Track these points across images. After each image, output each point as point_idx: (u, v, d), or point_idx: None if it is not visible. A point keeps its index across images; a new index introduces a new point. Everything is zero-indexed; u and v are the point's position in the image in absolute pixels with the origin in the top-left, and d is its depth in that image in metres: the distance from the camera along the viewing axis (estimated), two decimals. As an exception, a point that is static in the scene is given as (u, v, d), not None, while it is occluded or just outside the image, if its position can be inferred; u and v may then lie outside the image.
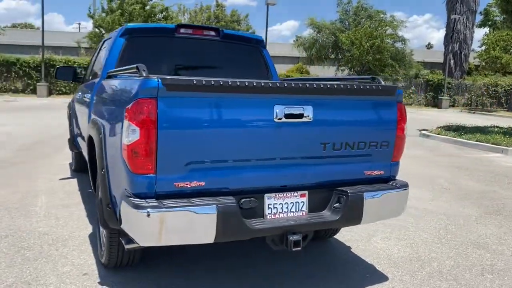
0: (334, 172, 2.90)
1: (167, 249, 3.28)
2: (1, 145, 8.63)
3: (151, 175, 2.45)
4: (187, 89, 2.43)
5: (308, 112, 2.70)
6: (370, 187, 2.96)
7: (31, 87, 30.86)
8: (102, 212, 2.86)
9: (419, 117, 19.73)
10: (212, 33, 4.40)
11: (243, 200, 2.67)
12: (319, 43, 30.06)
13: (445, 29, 33.56)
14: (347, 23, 30.63)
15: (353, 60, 28.47)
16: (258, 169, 2.70)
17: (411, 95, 32.02)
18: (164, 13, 27.01)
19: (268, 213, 2.76)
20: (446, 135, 12.27)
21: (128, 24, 4.23)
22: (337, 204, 2.87)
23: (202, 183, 2.56)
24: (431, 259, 3.74)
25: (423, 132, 13.21)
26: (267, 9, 27.82)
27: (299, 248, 2.71)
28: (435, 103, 31.21)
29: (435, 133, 12.75)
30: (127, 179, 2.50)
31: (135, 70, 2.54)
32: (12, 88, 30.34)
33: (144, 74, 2.46)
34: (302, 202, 2.84)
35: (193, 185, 2.55)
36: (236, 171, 2.64)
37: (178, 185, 2.51)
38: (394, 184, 3.07)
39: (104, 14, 26.01)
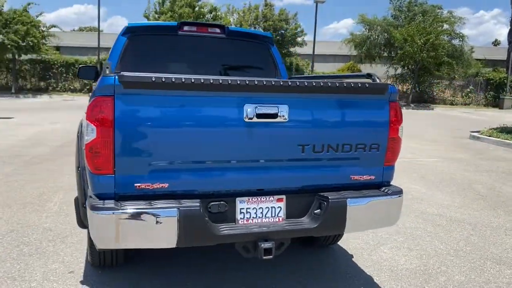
0: (315, 176, 2.69)
1: (152, 250, 3.22)
2: (44, 141, 9.06)
3: (110, 175, 2.36)
4: (147, 86, 2.32)
5: (283, 112, 2.52)
6: (356, 193, 2.72)
7: (88, 87, 32.26)
8: (78, 211, 2.83)
9: (475, 118, 18.66)
10: (217, 30, 4.28)
11: (211, 203, 2.54)
12: (370, 41, 29.19)
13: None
14: (400, 19, 29.50)
15: (406, 58, 27.37)
16: (228, 171, 2.55)
17: (469, 94, 30.34)
18: (213, 13, 27.34)
19: (240, 218, 2.60)
20: (498, 137, 11.44)
21: (130, 22, 4.21)
22: (318, 210, 2.66)
23: (166, 185, 2.45)
24: (439, 273, 3.42)
25: (474, 134, 12.39)
26: (316, 8, 27.44)
27: (270, 257, 2.53)
28: (496, 103, 29.38)
29: (486, 135, 11.92)
30: (89, 179, 2.45)
31: None
32: (71, 88, 31.93)
33: (108, 72, 2.38)
34: (279, 207, 2.66)
35: (156, 186, 2.44)
36: (203, 173, 2.51)
37: (139, 186, 2.41)
38: (385, 191, 2.81)
39: (157, 16, 26.73)
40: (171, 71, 4.16)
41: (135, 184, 2.41)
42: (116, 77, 2.27)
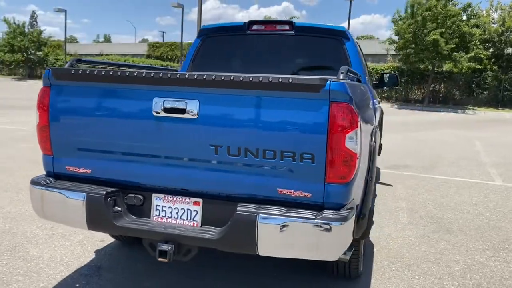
0: (233, 183, 2.38)
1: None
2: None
3: (50, 156, 2.66)
4: (72, 78, 2.52)
5: (193, 107, 2.31)
6: (277, 209, 2.26)
7: None
8: None
9: None
10: (286, 27, 4.06)
11: (128, 195, 2.54)
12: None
13: None
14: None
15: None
16: (143, 165, 2.48)
17: None
18: (468, 11, 24.72)
19: (155, 215, 2.50)
20: None
21: (204, 25, 4.41)
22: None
23: (89, 171, 2.59)
24: None
25: None
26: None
27: (165, 260, 2.37)
28: None
29: None
30: None
31: None
32: None
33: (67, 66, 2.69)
34: (195, 210, 2.45)
35: (81, 171, 2.60)
36: (119, 164, 2.52)
37: (69, 169, 2.62)
38: (318, 215, 2.22)
39: (400, 22, 25.76)
40: (239, 71, 4.19)
41: (66, 167, 2.63)
42: (51, 69, 2.56)
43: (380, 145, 6.24)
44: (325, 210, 2.26)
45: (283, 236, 2.23)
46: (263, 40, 4.18)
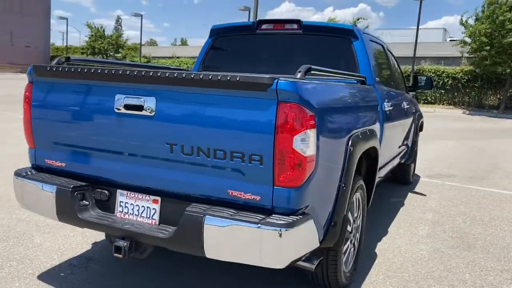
0: (187, 182, 2.34)
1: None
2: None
3: (33, 149, 2.79)
4: (48, 74, 2.63)
5: (150, 105, 2.32)
6: (225, 212, 2.19)
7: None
8: None
9: None
10: (294, 26, 3.96)
11: (96, 190, 2.59)
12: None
13: None
14: None
15: None
16: (107, 161, 2.52)
17: None
18: None
19: (119, 211, 2.53)
20: None
21: (215, 24, 4.40)
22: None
23: (63, 165, 2.68)
24: None
25: None
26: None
27: (120, 256, 2.39)
28: None
29: None
30: None
31: None
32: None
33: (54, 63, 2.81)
34: (154, 208, 2.45)
35: (57, 164, 2.70)
36: (88, 159, 2.59)
37: (47, 162, 2.73)
38: (262, 219, 2.11)
39: (474, 23, 24.18)
40: (248, 70, 4.15)
41: (45, 160, 2.74)
42: (32, 66, 2.68)
43: (415, 152, 5.90)
44: (273, 215, 2.16)
45: (227, 239, 2.16)
46: (272, 39, 4.11)
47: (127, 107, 2.37)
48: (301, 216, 2.18)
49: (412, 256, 3.69)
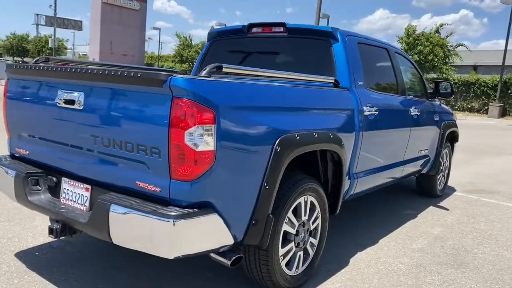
0: (107, 172, 2.51)
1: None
2: None
3: (8, 138, 3.16)
4: (14, 72, 2.98)
5: (80, 99, 2.53)
6: (129, 200, 2.32)
7: (486, 107, 31.13)
8: None
9: None
10: (280, 29, 3.99)
11: (47, 177, 2.86)
12: None
13: None
14: None
15: None
16: (56, 151, 2.78)
17: None
18: None
19: (63, 197, 2.78)
20: None
21: (214, 28, 4.52)
22: None
23: (27, 153, 2.99)
24: None
25: None
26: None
27: (52, 236, 2.63)
28: None
29: None
30: None
31: None
32: (469, 107, 31.40)
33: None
34: (85, 196, 2.66)
35: (23, 152, 3.02)
36: (42, 148, 2.87)
37: (17, 150, 3.07)
38: (155, 209, 2.20)
39: None
40: None
41: (16, 148, 3.09)
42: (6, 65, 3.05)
43: (439, 162, 5.55)
44: (169, 206, 2.25)
45: (126, 227, 2.29)
46: (261, 42, 4.17)
47: (64, 101, 2.61)
48: (197, 210, 2.25)
49: (386, 268, 3.51)
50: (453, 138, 6.10)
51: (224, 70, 2.44)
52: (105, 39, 46.83)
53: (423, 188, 5.85)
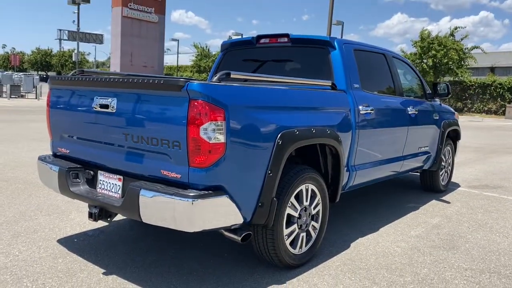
0: (136, 164, 3.00)
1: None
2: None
3: (51, 140, 3.69)
4: (57, 83, 3.51)
5: (113, 103, 3.03)
6: (154, 186, 2.80)
7: (503, 109, 30.97)
8: None
9: None
10: (285, 39, 4.45)
11: (86, 171, 3.37)
12: None
13: None
14: None
15: None
16: (93, 148, 3.29)
17: None
18: None
19: (99, 187, 3.28)
20: None
21: (225, 41, 5.01)
22: None
23: (68, 151, 3.51)
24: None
25: None
26: None
27: (91, 219, 3.13)
28: None
29: None
30: None
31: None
32: (485, 109, 31.26)
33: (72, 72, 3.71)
34: (118, 185, 3.15)
35: (64, 151, 3.54)
36: (80, 147, 3.39)
37: (59, 149, 3.60)
38: (176, 192, 2.68)
39: None
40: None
41: (58, 148, 3.62)
42: (49, 77, 3.59)
43: (441, 159, 5.91)
44: (188, 189, 2.72)
45: (154, 207, 2.78)
46: (268, 51, 4.63)
47: (100, 106, 3.13)
48: (211, 192, 2.71)
49: (384, 250, 3.91)
50: (455, 136, 6.45)
51: (232, 76, 2.92)
52: (125, 52, 48.15)
53: (426, 184, 6.21)
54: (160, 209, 2.76)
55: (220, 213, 2.82)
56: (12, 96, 25.63)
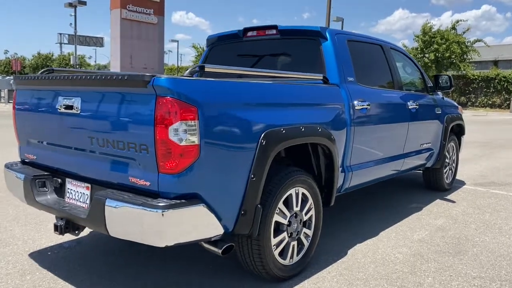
0: (104, 171, 2.69)
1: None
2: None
3: (19, 146, 3.39)
4: (21, 83, 3.21)
5: (77, 104, 2.73)
6: (122, 195, 2.49)
7: (508, 102, 30.66)
8: None
9: None
10: (273, 31, 4.14)
11: (54, 178, 3.06)
12: None
13: None
14: None
15: None
16: (60, 154, 2.98)
17: None
18: None
19: (67, 197, 2.98)
20: None
21: (210, 35, 4.70)
22: None
23: (35, 157, 3.21)
24: None
25: None
26: None
27: (57, 233, 2.82)
28: None
29: None
30: None
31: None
32: (490, 103, 30.92)
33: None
34: (86, 194, 2.85)
35: (31, 157, 3.24)
36: (48, 152, 3.09)
37: (26, 155, 3.30)
38: (145, 201, 2.36)
39: None
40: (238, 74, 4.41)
41: (25, 154, 3.32)
42: (13, 78, 3.29)
43: (444, 156, 5.59)
44: (158, 198, 2.41)
45: (120, 219, 2.47)
46: (256, 45, 4.32)
47: (65, 107, 2.82)
48: (184, 201, 2.40)
49: (384, 258, 3.59)
50: (459, 131, 6.11)
51: (207, 70, 2.61)
52: (125, 54, 47.94)
53: (430, 182, 5.87)
54: (127, 222, 2.45)
55: (196, 224, 2.50)
56: (10, 101, 25.44)
